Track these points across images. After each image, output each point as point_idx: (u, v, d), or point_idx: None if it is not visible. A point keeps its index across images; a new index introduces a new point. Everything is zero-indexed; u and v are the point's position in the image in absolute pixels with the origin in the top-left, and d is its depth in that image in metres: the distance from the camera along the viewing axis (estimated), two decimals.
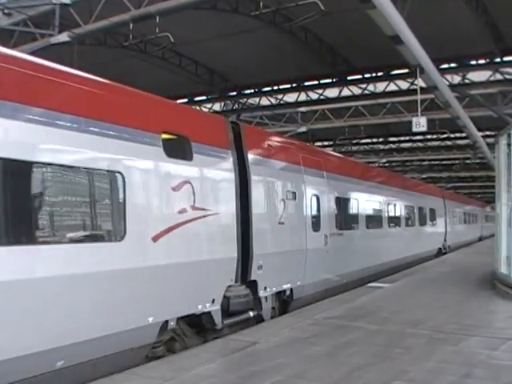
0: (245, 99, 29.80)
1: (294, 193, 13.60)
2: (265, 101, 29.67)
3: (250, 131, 13.07)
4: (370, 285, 17.41)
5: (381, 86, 26.21)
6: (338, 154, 24.41)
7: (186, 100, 28.07)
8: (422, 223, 28.44)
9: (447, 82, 21.43)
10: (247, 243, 11.34)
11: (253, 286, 11.60)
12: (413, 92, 21.46)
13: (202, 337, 10.41)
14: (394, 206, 23.55)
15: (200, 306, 9.90)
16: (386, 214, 22.11)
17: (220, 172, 10.79)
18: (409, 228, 25.72)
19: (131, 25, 16.16)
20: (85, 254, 7.57)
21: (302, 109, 29.40)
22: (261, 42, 21.24)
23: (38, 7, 16.57)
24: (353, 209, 18.55)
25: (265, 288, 12.04)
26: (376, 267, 19.80)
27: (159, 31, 16.55)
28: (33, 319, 6.90)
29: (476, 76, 23.94)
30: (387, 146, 41.21)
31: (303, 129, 30.40)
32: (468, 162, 45.88)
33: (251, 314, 11.63)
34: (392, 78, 24.78)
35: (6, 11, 16.07)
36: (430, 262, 26.25)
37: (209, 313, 10.14)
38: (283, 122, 31.83)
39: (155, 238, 8.69)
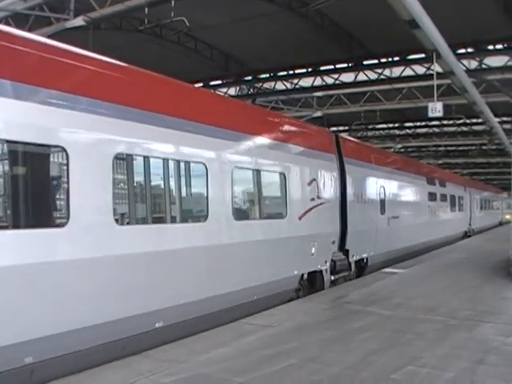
0: (260, 84, 29.69)
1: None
2: (280, 85, 29.50)
3: None
4: (384, 270, 17.45)
5: (397, 71, 26.02)
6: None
7: (201, 84, 28.02)
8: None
9: (464, 68, 21.21)
10: None
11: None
12: (429, 77, 21.25)
13: None
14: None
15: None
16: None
17: None
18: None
19: (146, 9, 16.10)
20: None
21: (318, 93, 29.26)
22: (276, 27, 21.07)
23: None
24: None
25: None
26: None
27: (175, 15, 16.46)
28: None
29: (493, 61, 23.70)
30: (403, 132, 41.05)
31: (318, 113, 30.32)
32: (484, 147, 45.56)
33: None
34: (408, 63, 24.57)
35: None
36: (446, 247, 26.72)
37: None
38: (298, 107, 31.75)
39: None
